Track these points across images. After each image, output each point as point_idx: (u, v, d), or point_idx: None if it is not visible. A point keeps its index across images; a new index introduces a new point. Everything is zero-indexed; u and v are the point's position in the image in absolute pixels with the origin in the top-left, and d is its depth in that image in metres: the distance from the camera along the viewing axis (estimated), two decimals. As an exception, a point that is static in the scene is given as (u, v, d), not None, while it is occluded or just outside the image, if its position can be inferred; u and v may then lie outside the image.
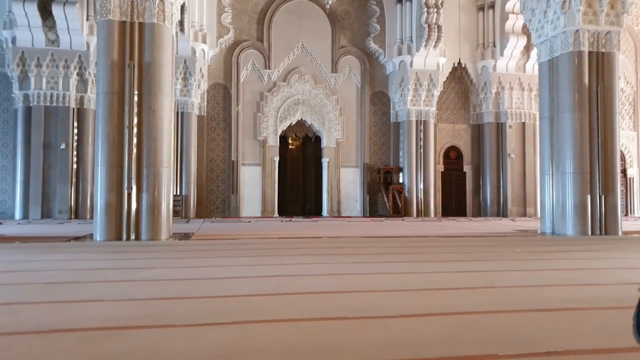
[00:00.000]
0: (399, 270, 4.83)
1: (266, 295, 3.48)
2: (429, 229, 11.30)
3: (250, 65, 17.24)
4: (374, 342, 2.32)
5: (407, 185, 17.40)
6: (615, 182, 9.27)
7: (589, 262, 5.46)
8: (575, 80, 9.25)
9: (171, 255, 6.01)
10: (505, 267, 5.06)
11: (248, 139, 17.17)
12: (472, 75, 18.21)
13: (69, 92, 14.51)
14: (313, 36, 17.63)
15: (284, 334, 2.47)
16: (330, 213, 17.61)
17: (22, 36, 14.05)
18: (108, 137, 7.76)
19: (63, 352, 2.18)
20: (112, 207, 7.70)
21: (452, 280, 4.16)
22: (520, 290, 3.74)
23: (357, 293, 3.57)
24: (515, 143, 17.95)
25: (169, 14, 8.26)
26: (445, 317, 2.84)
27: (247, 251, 6.48)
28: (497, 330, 2.56)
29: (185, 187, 15.83)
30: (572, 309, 3.05)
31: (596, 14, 9.26)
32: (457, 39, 17.90)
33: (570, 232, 9.16)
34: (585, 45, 9.27)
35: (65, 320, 2.74)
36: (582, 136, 9.19)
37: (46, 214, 14.39)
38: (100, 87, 7.92)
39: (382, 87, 18.28)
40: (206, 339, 2.38)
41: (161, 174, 7.97)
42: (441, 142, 18.49)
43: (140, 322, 2.71)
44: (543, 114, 9.94)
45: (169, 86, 8.20)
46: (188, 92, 15.85)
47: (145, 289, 3.76)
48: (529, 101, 18.01)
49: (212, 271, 4.76)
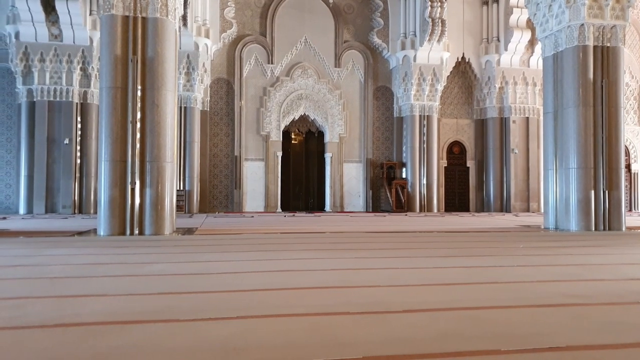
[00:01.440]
0: (402, 265, 4.83)
1: (269, 290, 3.49)
2: (432, 224, 11.29)
3: (253, 60, 17.22)
4: (376, 337, 2.33)
5: (410, 180, 17.38)
6: (619, 177, 9.23)
7: (593, 258, 5.45)
8: (579, 74, 9.20)
9: (175, 250, 6.03)
10: (508, 262, 5.06)
11: (251, 134, 17.18)
12: (475, 69, 18.14)
13: (72, 87, 14.55)
14: (316, 31, 17.58)
15: (287, 329, 2.48)
16: (333, 208, 17.62)
17: (26, 31, 14.08)
18: (111, 132, 7.78)
19: (68, 346, 2.19)
20: (115, 202, 7.73)
21: (455, 276, 4.16)
22: (523, 285, 3.74)
23: (359, 288, 3.58)
24: (518, 138, 17.89)
25: (172, 9, 8.25)
26: (448, 312, 2.84)
27: (250, 246, 6.49)
28: (500, 325, 2.56)
29: (188, 182, 15.87)
30: (576, 305, 3.04)
31: (601, 7, 9.20)
32: (461, 33, 17.83)
33: (573, 227, 9.13)
34: (590, 39, 9.21)
35: (69, 315, 2.75)
36: (587, 131, 9.14)
37: (50, 209, 14.47)
38: (103, 82, 7.93)
39: (385, 81, 18.23)
40: (210, 333, 2.39)
41: (164, 169, 7.99)
42: (444, 137, 18.45)
43: (144, 316, 2.72)
44: (547, 108, 9.89)
45: (172, 81, 8.20)
46: (191, 87, 15.86)
47: (149, 283, 3.78)
48: (532, 96, 17.92)
49: (216, 266, 4.77)
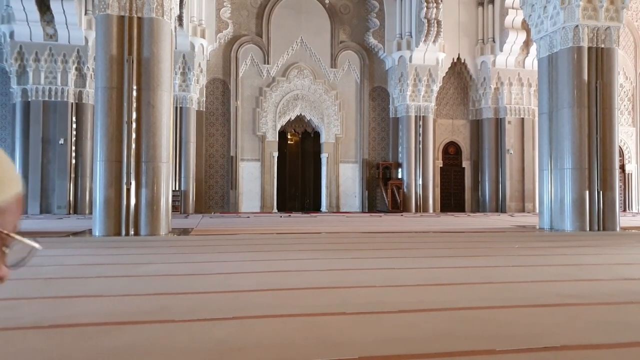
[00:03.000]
0: (398, 265, 4.84)
1: (265, 291, 3.49)
2: (428, 224, 11.32)
3: (249, 60, 17.20)
4: (372, 338, 2.33)
5: (406, 180, 17.41)
6: (613, 177, 9.28)
7: (587, 258, 5.48)
8: (574, 75, 9.25)
9: (170, 250, 6.02)
10: (503, 262, 5.08)
11: (247, 135, 17.16)
12: (471, 70, 18.19)
13: (67, 87, 14.48)
14: (312, 31, 17.58)
15: (283, 329, 2.48)
16: (329, 208, 17.62)
17: (20, 30, 14.00)
18: (107, 132, 7.75)
19: (63, 347, 2.19)
20: (111, 203, 7.70)
21: (451, 276, 4.17)
22: (518, 285, 3.75)
23: (355, 288, 3.58)
24: (514, 139, 17.95)
25: (167, 9, 8.24)
26: (444, 312, 2.85)
27: (246, 246, 6.49)
28: (495, 325, 2.58)
29: (184, 183, 15.83)
30: (570, 305, 3.06)
31: (596, 9, 9.25)
32: (457, 34, 17.87)
33: (568, 227, 9.18)
34: (584, 40, 9.26)
35: (65, 316, 2.74)
36: (581, 132, 9.19)
37: (45, 209, 14.39)
38: (98, 82, 7.90)
39: (381, 82, 18.25)
40: (206, 334, 2.39)
41: (160, 169, 7.97)
42: (440, 137, 18.48)
43: (140, 317, 2.72)
44: (542, 109, 9.94)
45: (168, 81, 8.18)
46: (187, 87, 15.82)
47: (145, 284, 3.77)
48: (528, 97, 17.99)
49: (211, 266, 4.76)
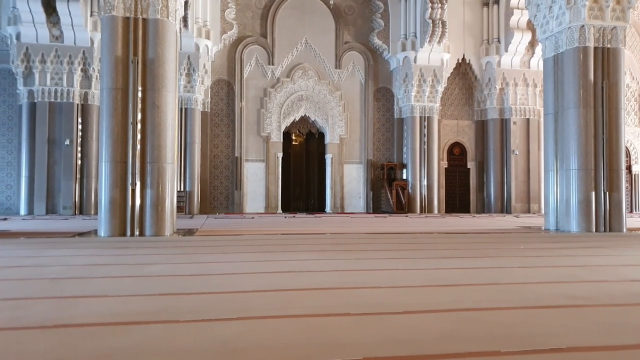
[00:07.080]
0: (402, 266, 4.83)
1: (270, 291, 3.49)
2: (433, 225, 11.29)
3: (253, 61, 17.23)
4: (376, 339, 2.32)
5: (411, 181, 17.38)
6: (620, 178, 9.22)
7: (593, 259, 5.44)
8: (580, 76, 9.20)
9: (175, 251, 6.03)
10: (508, 263, 5.06)
11: (251, 135, 17.19)
12: (476, 71, 18.15)
13: (73, 88, 14.57)
14: (317, 32, 17.60)
15: (287, 330, 2.48)
16: (334, 209, 17.62)
17: (27, 32, 14.11)
18: (112, 133, 7.78)
19: (68, 346, 2.19)
20: (116, 203, 7.73)
21: (456, 277, 4.15)
22: (524, 286, 3.73)
23: (359, 289, 3.58)
24: (519, 139, 17.89)
25: (172, 10, 8.26)
26: (448, 313, 2.84)
27: (251, 247, 6.49)
28: (500, 326, 2.56)
29: (189, 183, 15.88)
30: (576, 306, 3.04)
31: (602, 9, 9.20)
32: (462, 34, 17.84)
33: (574, 228, 9.13)
34: (590, 40, 9.21)
35: (70, 316, 2.75)
36: (587, 132, 9.14)
37: (51, 210, 14.47)
38: (104, 83, 7.93)
39: (386, 83, 18.24)
40: (210, 334, 2.39)
41: (165, 170, 7.99)
42: (445, 138, 18.45)
43: (144, 317, 2.72)
44: (547, 110, 9.89)
45: (172, 82, 8.20)
46: (192, 88, 15.87)
47: (150, 284, 3.78)
48: (533, 97, 17.92)
49: (216, 267, 4.77)
